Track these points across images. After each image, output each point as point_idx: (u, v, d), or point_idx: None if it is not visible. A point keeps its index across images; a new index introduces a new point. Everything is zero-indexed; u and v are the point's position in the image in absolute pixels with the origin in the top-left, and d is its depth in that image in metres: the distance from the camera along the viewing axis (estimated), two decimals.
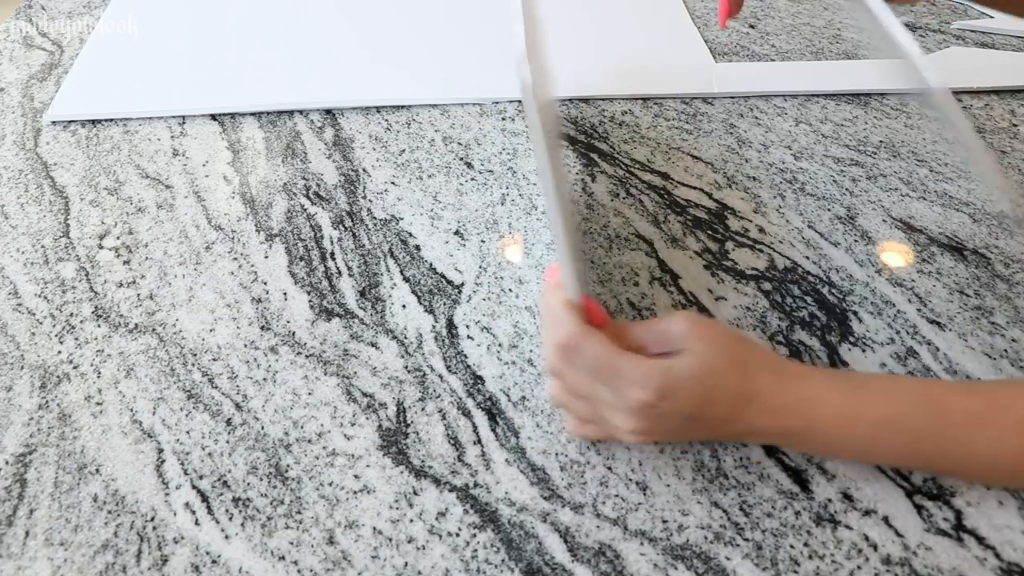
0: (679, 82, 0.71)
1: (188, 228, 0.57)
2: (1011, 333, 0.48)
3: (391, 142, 0.65)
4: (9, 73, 0.74)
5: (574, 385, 0.39)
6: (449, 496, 0.41)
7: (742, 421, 0.38)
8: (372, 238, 0.56)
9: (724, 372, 0.38)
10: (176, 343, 0.49)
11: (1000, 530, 0.39)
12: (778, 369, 0.39)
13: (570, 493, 0.41)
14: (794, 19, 0.80)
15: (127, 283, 0.53)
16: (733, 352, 0.38)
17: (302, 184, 0.61)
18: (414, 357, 0.48)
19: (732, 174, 0.61)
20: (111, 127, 0.67)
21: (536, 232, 0.56)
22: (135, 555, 0.39)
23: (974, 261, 0.53)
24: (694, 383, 0.37)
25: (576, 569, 0.38)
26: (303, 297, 0.51)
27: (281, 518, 0.40)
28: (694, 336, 0.38)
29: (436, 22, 0.80)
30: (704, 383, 0.37)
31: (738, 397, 0.38)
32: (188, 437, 0.44)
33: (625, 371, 0.37)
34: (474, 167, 0.62)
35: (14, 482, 0.42)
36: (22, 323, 0.50)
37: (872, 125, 0.65)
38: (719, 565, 0.38)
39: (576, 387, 0.39)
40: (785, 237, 0.55)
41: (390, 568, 0.38)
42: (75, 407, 0.45)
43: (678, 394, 0.37)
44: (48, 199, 0.60)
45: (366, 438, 0.43)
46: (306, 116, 0.68)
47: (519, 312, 0.50)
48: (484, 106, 0.69)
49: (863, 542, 0.38)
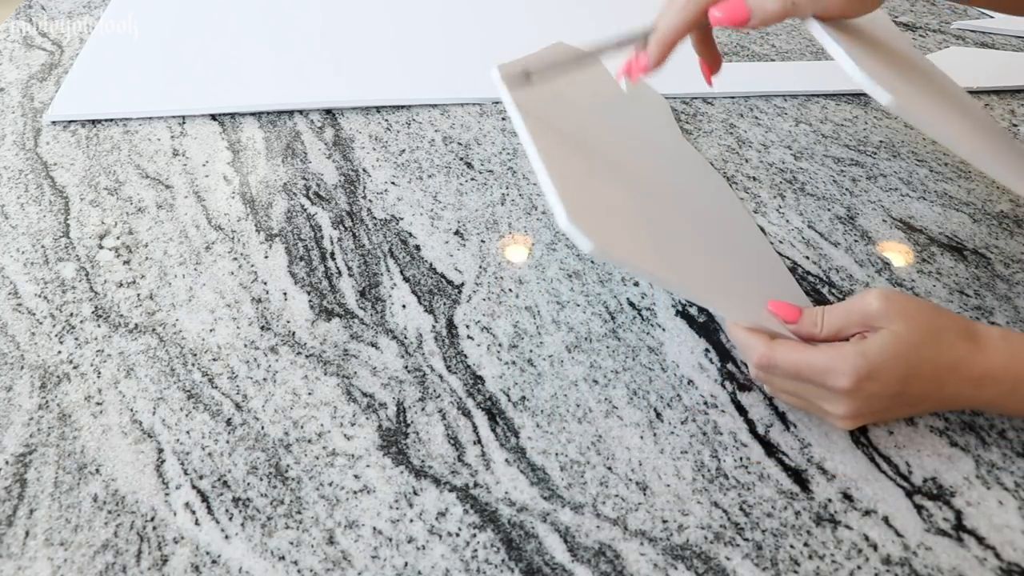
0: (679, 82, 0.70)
1: (188, 228, 0.57)
2: None
3: (391, 142, 0.65)
4: (9, 73, 0.74)
5: (783, 388, 0.43)
6: (449, 496, 0.41)
7: (947, 390, 0.39)
8: (372, 238, 0.56)
9: (923, 345, 0.39)
10: (176, 343, 0.49)
11: (1000, 530, 0.39)
12: (975, 336, 0.40)
13: (570, 493, 0.41)
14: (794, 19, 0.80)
15: (127, 283, 0.53)
16: (930, 323, 0.39)
17: (302, 184, 0.61)
18: (414, 357, 0.48)
19: (732, 174, 0.61)
20: (111, 127, 0.67)
21: (536, 232, 0.56)
22: (135, 555, 0.39)
23: (974, 261, 0.53)
24: (896, 361, 0.38)
25: (576, 569, 0.38)
26: (303, 297, 0.51)
27: (281, 518, 0.40)
28: (891, 314, 0.39)
29: (436, 22, 0.80)
30: (907, 359, 0.38)
31: (940, 368, 0.39)
32: (188, 437, 0.44)
33: (822, 365, 0.39)
34: (474, 167, 0.62)
35: (14, 482, 0.42)
36: (22, 323, 0.50)
37: (872, 125, 0.65)
38: (719, 565, 0.38)
39: (784, 388, 0.42)
40: (785, 237, 0.55)
41: (390, 568, 0.38)
42: (75, 407, 0.45)
43: (880, 375, 0.38)
44: (48, 199, 0.60)
45: (366, 438, 0.43)
46: (306, 116, 0.68)
47: (519, 312, 0.50)
48: (484, 106, 0.69)
49: (863, 542, 0.38)
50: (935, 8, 0.82)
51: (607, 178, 0.44)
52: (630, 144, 0.51)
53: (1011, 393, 0.39)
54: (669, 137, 0.60)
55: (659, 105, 0.65)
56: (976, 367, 0.39)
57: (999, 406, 0.41)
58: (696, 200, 0.53)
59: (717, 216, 0.53)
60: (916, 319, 0.39)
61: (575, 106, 0.49)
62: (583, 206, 0.38)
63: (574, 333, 0.49)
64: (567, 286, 0.52)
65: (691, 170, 0.57)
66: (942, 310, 0.41)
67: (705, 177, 0.58)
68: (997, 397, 0.40)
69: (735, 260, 0.48)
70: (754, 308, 0.43)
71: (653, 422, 0.44)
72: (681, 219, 0.47)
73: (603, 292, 0.51)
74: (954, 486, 0.40)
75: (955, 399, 0.40)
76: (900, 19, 0.80)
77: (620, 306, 0.51)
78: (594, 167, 0.44)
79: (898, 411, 0.41)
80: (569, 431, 0.43)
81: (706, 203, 0.54)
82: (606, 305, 0.51)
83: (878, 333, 0.39)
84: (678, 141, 0.61)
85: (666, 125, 0.63)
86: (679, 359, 0.47)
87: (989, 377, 0.39)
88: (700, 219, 0.50)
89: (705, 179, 0.57)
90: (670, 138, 0.61)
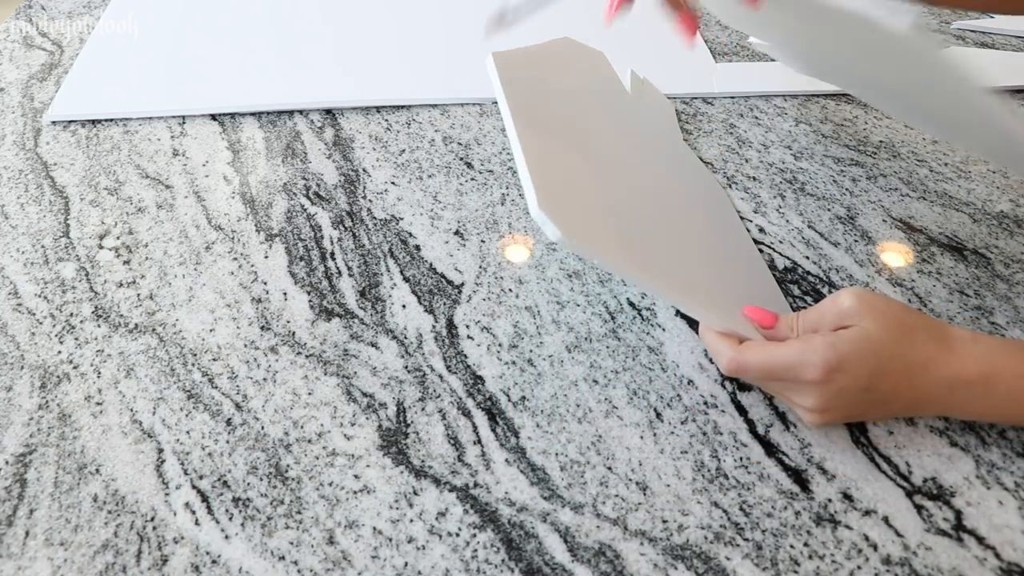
0: (679, 82, 0.71)
1: (188, 228, 0.57)
2: (1011, 333, 0.48)
3: (391, 142, 0.65)
4: (9, 73, 0.74)
5: (758, 383, 0.45)
6: (449, 496, 0.41)
7: (917, 389, 0.39)
8: (372, 238, 0.56)
9: (894, 342, 0.39)
10: (176, 343, 0.49)
11: (1000, 530, 0.39)
12: (947, 337, 0.40)
13: (570, 493, 0.41)
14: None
15: (127, 283, 0.53)
16: (901, 321, 0.40)
17: (302, 184, 0.61)
18: (414, 357, 0.48)
19: (732, 174, 0.61)
20: (111, 127, 0.67)
21: (536, 232, 0.56)
22: (135, 555, 0.39)
23: (974, 261, 0.53)
24: (864, 354, 0.38)
25: (576, 569, 0.38)
26: (303, 297, 0.51)
27: (281, 518, 0.40)
28: (863, 311, 0.40)
29: (436, 22, 0.80)
30: (876, 354, 0.38)
31: (910, 365, 0.39)
32: (188, 437, 0.44)
33: (791, 360, 0.39)
34: (474, 167, 0.62)
35: (14, 482, 0.42)
36: (22, 323, 0.50)
37: (872, 125, 0.65)
38: (719, 565, 0.38)
39: (759, 384, 0.45)
40: (785, 237, 0.55)
41: (390, 568, 0.38)
42: (75, 407, 0.45)
43: (848, 367, 0.38)
44: (48, 199, 0.60)
45: (366, 438, 0.43)
46: (306, 116, 0.68)
47: (519, 312, 0.50)
48: (484, 106, 0.69)
49: (863, 542, 0.38)
50: (935, 8, 0.82)
51: (589, 173, 0.44)
52: (623, 142, 0.52)
53: (984, 396, 0.39)
54: (667, 139, 0.61)
55: (663, 106, 0.65)
56: (947, 368, 0.39)
57: (971, 411, 0.41)
58: (683, 202, 0.53)
59: (703, 220, 0.53)
60: (888, 317, 0.39)
61: (570, 101, 0.49)
62: (556, 195, 0.38)
63: (574, 333, 0.49)
64: (567, 286, 0.52)
65: (684, 172, 0.57)
66: (914, 311, 0.41)
67: (698, 180, 0.58)
68: (970, 400, 0.39)
69: (717, 264, 0.48)
70: (730, 313, 0.43)
71: (653, 422, 0.44)
72: (662, 220, 0.47)
73: (603, 292, 0.51)
74: (954, 486, 0.40)
75: (927, 401, 0.40)
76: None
77: (620, 306, 0.51)
78: (577, 161, 0.44)
79: (869, 409, 0.41)
80: (569, 431, 0.43)
81: (693, 206, 0.54)
82: (606, 305, 0.51)
83: (850, 329, 0.39)
84: (675, 143, 0.61)
85: (666, 127, 0.63)
86: (679, 359, 0.47)
87: (961, 380, 0.39)
88: (683, 221, 0.50)
89: (697, 182, 0.57)
90: (668, 140, 0.61)
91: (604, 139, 0.49)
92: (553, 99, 0.47)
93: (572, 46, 0.47)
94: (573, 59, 0.53)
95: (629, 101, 0.57)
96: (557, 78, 0.47)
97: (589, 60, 0.47)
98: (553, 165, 0.41)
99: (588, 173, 0.44)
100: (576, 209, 0.40)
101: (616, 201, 0.44)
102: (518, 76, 0.45)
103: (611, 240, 0.40)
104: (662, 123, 0.63)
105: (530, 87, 0.45)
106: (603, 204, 0.43)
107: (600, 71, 0.54)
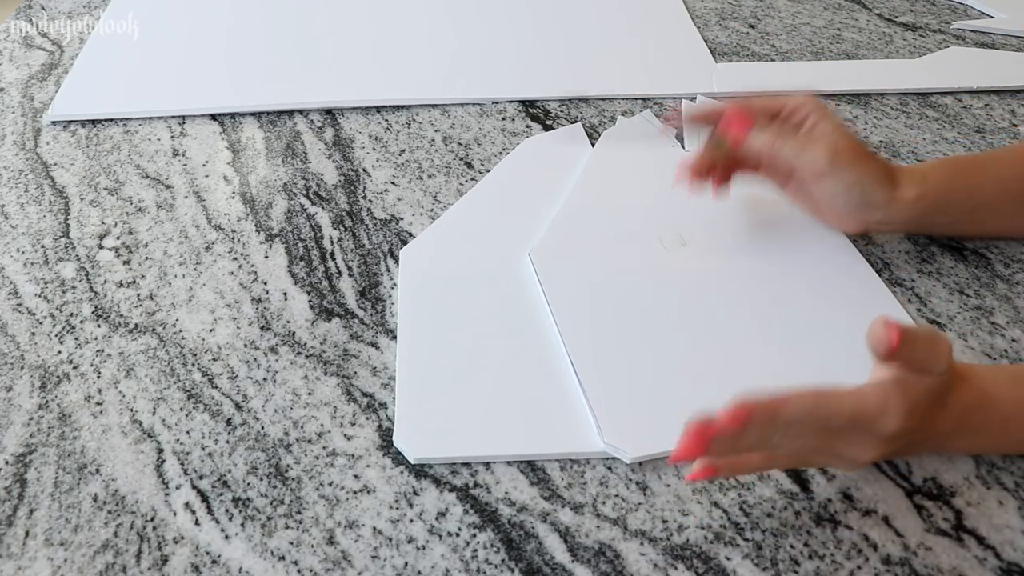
0: (679, 82, 0.70)
1: (188, 228, 0.57)
2: (1011, 333, 0.48)
3: (391, 142, 0.65)
4: (9, 73, 0.74)
5: (761, 441, 0.35)
6: (449, 496, 0.41)
7: (929, 428, 0.37)
8: (372, 238, 0.56)
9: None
10: (176, 343, 0.49)
11: (1000, 530, 0.39)
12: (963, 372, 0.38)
13: (570, 493, 0.41)
14: (794, 19, 0.80)
15: (127, 283, 0.53)
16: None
17: (302, 184, 0.61)
18: None
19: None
20: (111, 127, 0.67)
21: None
22: (135, 555, 0.39)
23: (974, 261, 0.53)
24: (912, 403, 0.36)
25: (576, 569, 0.38)
26: (303, 297, 0.51)
27: (281, 518, 0.40)
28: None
29: (435, 22, 0.80)
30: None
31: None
32: (188, 437, 0.44)
33: (868, 407, 0.35)
34: (474, 167, 0.62)
35: (14, 482, 0.42)
36: (22, 323, 0.50)
37: (872, 125, 0.65)
38: (719, 565, 0.38)
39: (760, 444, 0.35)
40: None
41: (390, 568, 0.38)
42: (75, 407, 0.45)
43: (916, 412, 0.36)
44: (48, 199, 0.60)
45: (366, 438, 0.43)
46: (306, 116, 0.68)
47: None
48: (484, 106, 0.69)
49: (863, 542, 0.38)
50: (935, 8, 0.82)
51: (640, 355, 0.46)
52: (664, 294, 0.50)
53: (979, 430, 0.39)
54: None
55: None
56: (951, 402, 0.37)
57: (971, 444, 0.40)
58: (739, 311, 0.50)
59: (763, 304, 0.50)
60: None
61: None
62: (618, 416, 0.43)
63: None
64: None
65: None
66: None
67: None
68: (970, 431, 0.39)
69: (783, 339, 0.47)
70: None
71: None
72: (716, 353, 0.47)
73: None
74: (954, 486, 0.40)
75: (936, 435, 0.39)
76: (900, 19, 0.80)
77: None
78: (623, 347, 0.47)
79: (902, 448, 0.39)
80: None
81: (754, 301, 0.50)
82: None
83: (921, 377, 0.36)
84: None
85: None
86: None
87: (959, 410, 0.38)
88: (738, 332, 0.48)
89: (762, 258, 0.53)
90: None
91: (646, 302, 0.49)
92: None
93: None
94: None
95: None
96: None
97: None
98: (605, 372, 0.45)
99: (639, 357, 0.46)
100: (640, 417, 0.43)
101: (670, 376, 0.45)
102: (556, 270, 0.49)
103: (674, 423, 0.36)
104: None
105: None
106: (659, 391, 0.44)
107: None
